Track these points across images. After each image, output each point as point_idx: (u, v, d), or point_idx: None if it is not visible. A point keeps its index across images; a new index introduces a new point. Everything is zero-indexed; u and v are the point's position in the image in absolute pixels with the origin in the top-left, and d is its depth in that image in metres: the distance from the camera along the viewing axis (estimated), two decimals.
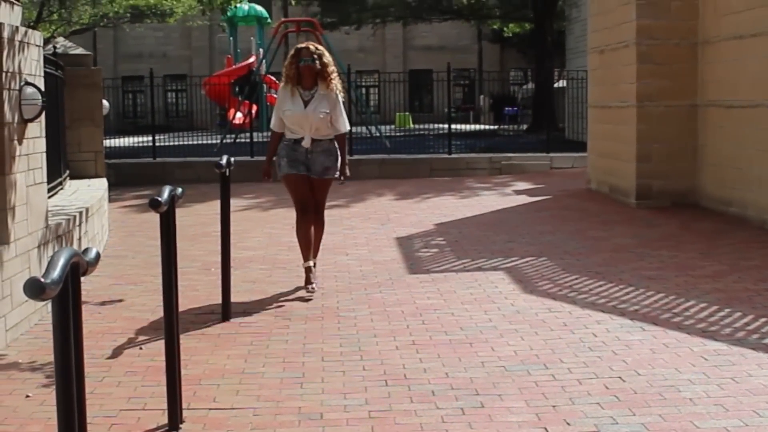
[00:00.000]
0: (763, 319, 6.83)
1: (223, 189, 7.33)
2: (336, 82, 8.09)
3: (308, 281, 8.10)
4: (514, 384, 5.46)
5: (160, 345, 5.82)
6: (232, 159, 7.45)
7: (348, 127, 8.32)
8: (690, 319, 6.93)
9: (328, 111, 7.98)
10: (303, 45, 8.12)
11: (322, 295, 7.96)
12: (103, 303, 7.86)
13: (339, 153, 8.16)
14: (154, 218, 6.19)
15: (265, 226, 12.35)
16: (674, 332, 6.54)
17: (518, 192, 16.23)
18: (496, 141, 25.96)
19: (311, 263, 8.13)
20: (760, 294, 7.67)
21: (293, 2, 41.48)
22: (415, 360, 6.01)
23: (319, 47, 8.10)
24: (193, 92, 30.58)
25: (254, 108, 25.92)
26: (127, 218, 13.72)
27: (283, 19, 29.68)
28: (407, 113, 38.34)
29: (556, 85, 32.30)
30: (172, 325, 4.83)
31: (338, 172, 8.19)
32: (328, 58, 8.06)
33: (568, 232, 11.41)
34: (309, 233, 8.13)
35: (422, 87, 49.12)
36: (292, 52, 8.11)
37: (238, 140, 23.79)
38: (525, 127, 32.86)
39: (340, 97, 8.13)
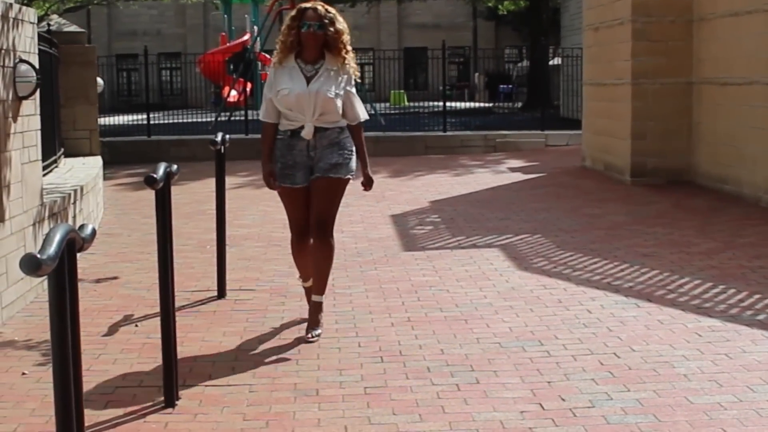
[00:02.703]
0: (757, 296, 6.85)
1: (218, 166, 7.33)
2: (351, 57, 6.05)
3: (314, 322, 6.10)
4: (509, 360, 5.48)
5: (155, 322, 5.83)
6: (227, 136, 7.43)
7: (366, 116, 6.17)
8: (684, 295, 6.95)
9: (338, 92, 5.94)
10: (309, 4, 6.03)
11: None
12: (98, 281, 7.87)
13: (356, 149, 6.09)
14: (148, 196, 6.19)
15: (260, 204, 12.34)
16: (669, 309, 6.56)
17: (513, 169, 16.24)
18: (491, 119, 25.97)
19: (310, 282, 6.29)
20: (754, 271, 7.69)
21: None
22: (411, 336, 6.02)
23: (330, 9, 6.02)
24: (187, 70, 30.55)
25: (249, 86, 25.83)
26: (122, 196, 13.70)
27: None
28: (402, 91, 38.23)
29: (551, 62, 32.22)
30: (167, 303, 4.84)
31: (352, 173, 6.10)
32: (342, 23, 5.99)
33: (562, 209, 11.42)
34: (307, 258, 6.25)
35: (417, 65, 48.99)
36: (293, 13, 6.03)
37: (232, 118, 23.75)
38: (520, 104, 32.80)
39: (355, 77, 6.10)
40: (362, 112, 6.09)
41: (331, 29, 5.89)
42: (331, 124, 6.00)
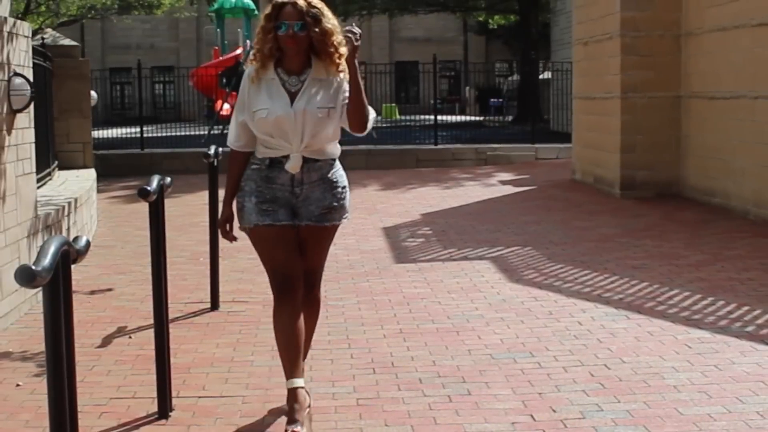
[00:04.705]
0: (746, 308, 6.90)
1: (211, 179, 7.37)
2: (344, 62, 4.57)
3: (292, 415, 4.51)
4: (500, 372, 5.51)
5: (149, 334, 5.86)
6: (220, 149, 7.46)
7: (374, 114, 4.75)
8: (674, 307, 6.99)
9: (332, 105, 4.59)
10: None
11: None
12: (92, 292, 7.89)
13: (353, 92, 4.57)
14: (142, 209, 6.22)
15: None
16: (658, 320, 6.60)
17: (504, 182, 16.29)
18: (482, 132, 26.02)
19: (301, 381, 4.63)
20: (742, 283, 7.74)
21: None
22: (403, 348, 6.05)
23: (316, 2, 4.54)
24: (180, 83, 30.52)
25: None
26: (116, 209, 13.72)
27: None
28: (394, 105, 38.32)
29: (541, 76, 32.33)
30: (161, 314, 4.86)
31: (347, 215, 5.10)
32: (331, 20, 4.55)
33: (553, 222, 11.47)
34: (297, 328, 4.64)
35: (408, 79, 49.12)
36: (267, 10, 4.59)
37: (225, 131, 23.72)
38: (510, 118, 32.92)
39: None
40: (370, 112, 4.69)
41: (317, 29, 4.48)
42: (322, 154, 4.70)
